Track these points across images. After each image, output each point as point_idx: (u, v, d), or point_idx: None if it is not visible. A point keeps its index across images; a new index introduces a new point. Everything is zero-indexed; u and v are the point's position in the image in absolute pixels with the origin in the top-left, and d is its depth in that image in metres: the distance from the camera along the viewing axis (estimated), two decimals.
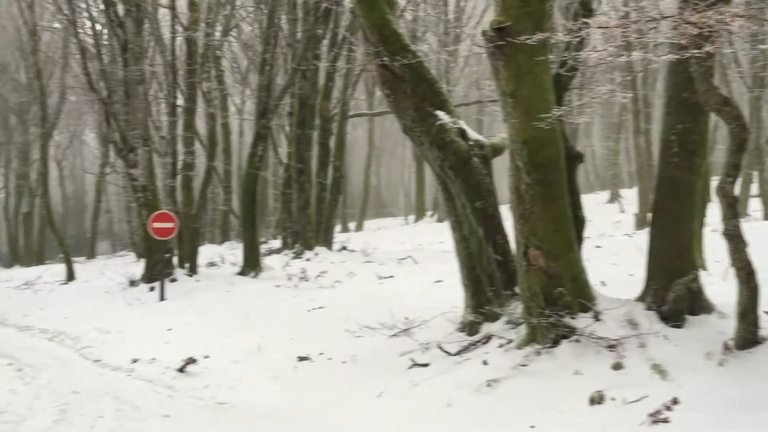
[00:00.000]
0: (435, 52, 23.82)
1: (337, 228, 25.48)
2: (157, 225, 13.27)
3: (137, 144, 14.71)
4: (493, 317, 6.91)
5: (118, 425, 5.93)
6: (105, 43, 16.37)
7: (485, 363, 6.13)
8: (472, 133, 7.45)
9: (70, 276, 18.30)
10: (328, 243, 19.57)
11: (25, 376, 7.85)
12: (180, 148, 17.17)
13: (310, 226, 18.98)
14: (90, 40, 17.30)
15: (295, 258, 17.82)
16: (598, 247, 13.57)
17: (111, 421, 6.02)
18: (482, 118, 35.69)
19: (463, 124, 7.35)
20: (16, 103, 29.47)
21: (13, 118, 31.72)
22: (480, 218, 7.09)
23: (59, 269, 19.97)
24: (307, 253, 18.22)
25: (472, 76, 32.09)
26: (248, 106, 40.22)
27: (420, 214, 36.34)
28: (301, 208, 18.98)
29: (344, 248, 19.87)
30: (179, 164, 16.80)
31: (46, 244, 31.24)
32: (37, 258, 29.77)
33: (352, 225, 37.46)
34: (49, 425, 5.99)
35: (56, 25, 26.81)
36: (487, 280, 7.09)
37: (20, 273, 22.82)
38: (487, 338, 6.65)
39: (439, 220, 32.79)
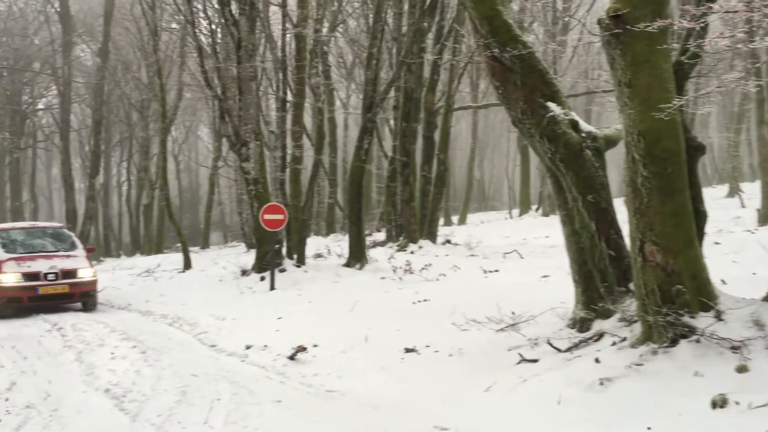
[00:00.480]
0: (542, 42, 23.33)
1: (440, 221, 25.42)
2: (268, 217, 13.72)
3: (249, 138, 15.23)
4: (606, 314, 6.71)
5: (234, 408, 6.18)
6: (219, 41, 17.04)
7: (597, 361, 5.97)
8: (585, 125, 7.24)
9: (187, 264, 19.23)
10: (432, 236, 19.60)
11: (149, 359, 8.32)
12: (289, 142, 17.67)
13: (414, 219, 19.07)
14: (206, 39, 18.07)
15: (399, 250, 17.96)
16: (717, 243, 12.92)
17: (228, 404, 6.29)
18: (591, 109, 34.68)
19: (574, 116, 7.16)
20: (137, 100, 31.20)
21: (134, 114, 33.60)
22: (592, 212, 6.89)
23: (177, 258, 21.04)
24: (411, 246, 18.32)
25: (580, 66, 31.21)
26: (353, 101, 40.87)
27: (525, 208, 35.73)
28: (406, 201, 19.09)
29: (448, 241, 19.85)
30: (288, 158, 17.29)
31: (165, 234, 32.91)
32: (157, 247, 31.42)
33: (454, 218, 37.34)
34: (171, 405, 6.33)
35: (174, 25, 28.22)
36: (599, 275, 6.89)
37: (141, 261, 24.19)
38: (599, 335, 6.46)
39: (545, 214, 32.14)
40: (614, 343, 6.21)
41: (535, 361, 6.56)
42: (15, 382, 7.51)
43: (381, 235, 24.02)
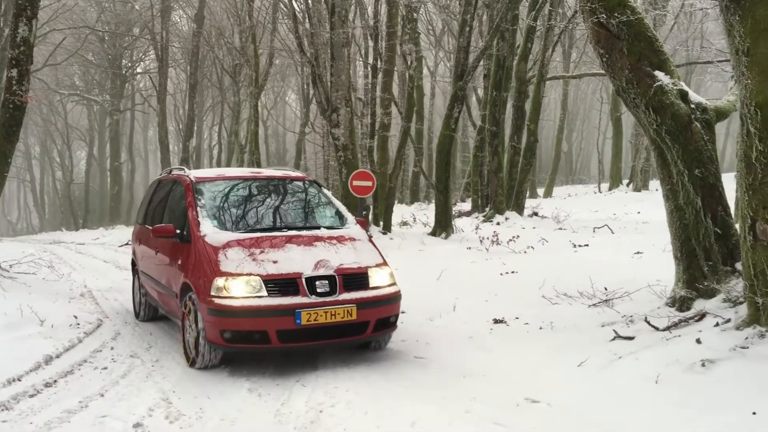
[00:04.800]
0: (643, 10, 22.36)
1: (527, 193, 25.03)
2: (357, 183, 13.84)
3: (340, 105, 15.33)
4: (709, 294, 6.44)
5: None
6: (312, 6, 17.13)
7: (699, 341, 5.75)
8: (694, 96, 6.89)
9: None
10: (518, 208, 19.34)
11: None
12: (378, 109, 17.70)
13: (502, 190, 18.83)
14: (299, 5, 18.21)
15: (485, 221, 17.82)
16: None
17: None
18: (689, 79, 33.14)
19: (684, 86, 6.82)
20: (230, 65, 31.89)
21: (226, 79, 34.39)
22: (698, 187, 6.59)
23: None
24: (498, 217, 18.14)
25: (681, 35, 29.78)
26: (440, 69, 40.47)
27: (615, 183, 34.71)
28: (494, 171, 18.86)
29: (535, 214, 19.54)
30: (377, 125, 17.34)
31: None
32: None
33: (540, 191, 36.67)
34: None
35: None
36: (704, 253, 6.60)
37: None
38: (701, 315, 6.21)
39: (636, 189, 31.14)
40: (717, 324, 5.96)
41: (630, 338, 6.38)
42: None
43: (466, 205, 23.88)
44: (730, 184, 6.57)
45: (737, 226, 6.38)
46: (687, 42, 29.67)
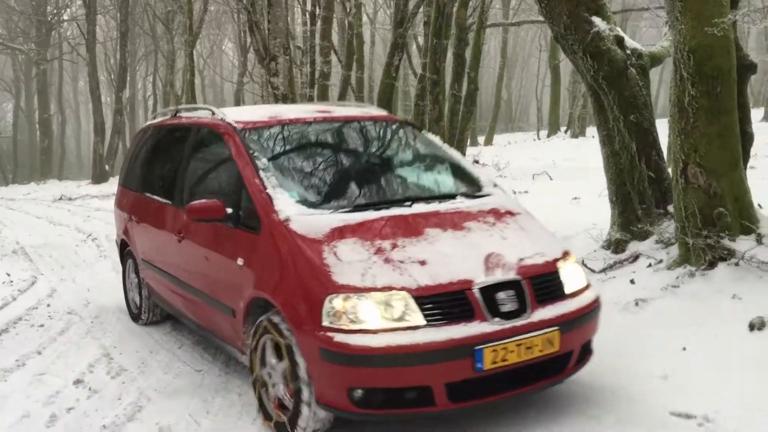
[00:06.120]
0: None
1: (467, 142, 25.17)
2: None
3: (278, 53, 14.99)
4: (642, 236, 6.65)
5: None
6: None
7: (633, 282, 5.95)
8: (630, 42, 6.98)
9: None
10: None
11: None
12: (317, 57, 17.41)
13: (443, 139, 18.90)
14: None
15: None
16: (752, 168, 12.64)
17: None
18: (625, 26, 33.58)
19: (620, 32, 6.89)
20: (162, 12, 30.73)
21: (159, 27, 33.19)
22: (633, 132, 6.72)
23: None
24: None
25: None
26: (380, 16, 39.94)
27: (553, 130, 35.24)
28: (435, 120, 18.88)
29: (476, 162, 19.72)
30: (316, 74, 17.07)
31: None
32: None
33: (480, 139, 36.99)
34: None
35: None
36: (638, 197, 6.79)
37: None
38: (635, 257, 6.43)
39: (574, 136, 31.72)
40: (650, 265, 6.17)
41: None
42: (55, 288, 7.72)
43: None
44: (663, 129, 6.73)
45: (670, 170, 6.57)
46: None
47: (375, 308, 3.48)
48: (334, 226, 3.86)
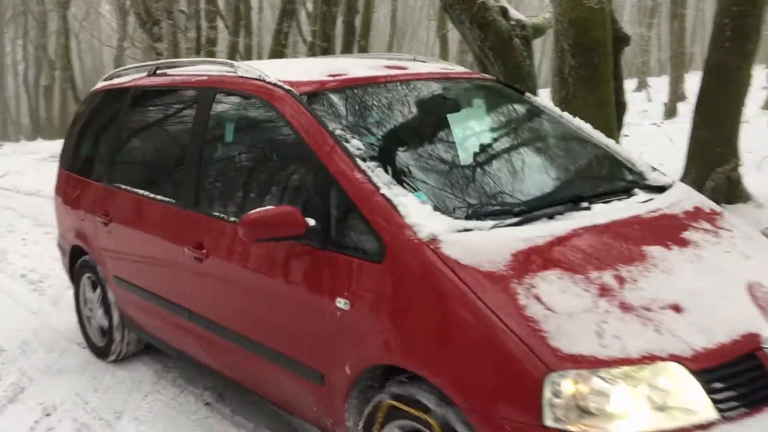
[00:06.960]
0: None
1: None
2: None
3: (161, 17, 14.43)
4: None
5: None
6: None
7: None
8: (514, 12, 7.20)
9: None
10: None
11: None
12: (203, 23, 16.85)
13: None
14: None
15: None
16: (626, 136, 13.40)
17: None
18: None
19: (504, 2, 7.09)
20: None
21: None
22: None
23: None
24: None
25: None
26: None
27: None
28: None
29: None
30: (202, 40, 16.54)
31: (68, 118, 31.36)
32: (59, 131, 29.97)
33: None
34: None
35: None
36: None
37: (44, 145, 22.98)
38: None
39: None
40: None
41: None
42: None
43: None
44: (545, 98, 7.00)
45: None
46: None
47: (635, 394, 2.03)
48: (515, 249, 2.34)
